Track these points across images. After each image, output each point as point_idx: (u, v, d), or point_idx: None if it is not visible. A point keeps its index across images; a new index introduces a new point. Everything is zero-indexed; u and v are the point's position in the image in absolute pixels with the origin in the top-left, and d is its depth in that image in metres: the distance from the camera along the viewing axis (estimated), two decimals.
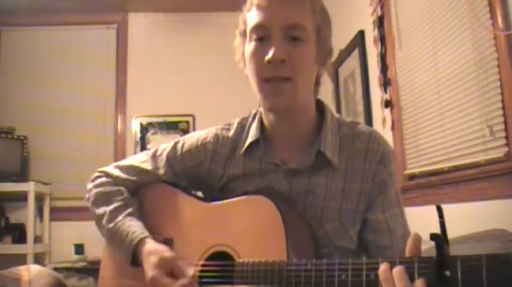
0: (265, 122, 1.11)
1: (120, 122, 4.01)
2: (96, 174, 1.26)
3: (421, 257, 0.74)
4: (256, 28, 1.00)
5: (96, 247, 3.63)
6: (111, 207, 1.14)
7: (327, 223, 1.03)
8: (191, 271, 0.99)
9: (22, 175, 3.56)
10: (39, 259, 3.47)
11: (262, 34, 1.00)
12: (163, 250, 1.03)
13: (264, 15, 0.99)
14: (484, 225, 1.48)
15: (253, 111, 1.18)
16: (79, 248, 3.59)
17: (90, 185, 1.24)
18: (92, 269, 3.41)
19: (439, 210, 0.72)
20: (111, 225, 1.12)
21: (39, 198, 3.64)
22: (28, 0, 3.78)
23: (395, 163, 1.09)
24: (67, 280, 2.72)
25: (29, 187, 3.42)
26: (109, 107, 4.02)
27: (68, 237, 3.62)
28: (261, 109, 1.13)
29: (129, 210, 1.14)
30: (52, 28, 4.06)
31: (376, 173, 1.04)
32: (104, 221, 1.14)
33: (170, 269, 0.99)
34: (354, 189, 1.04)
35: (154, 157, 1.21)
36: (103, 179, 1.22)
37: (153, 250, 1.03)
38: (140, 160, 1.23)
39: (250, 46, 1.02)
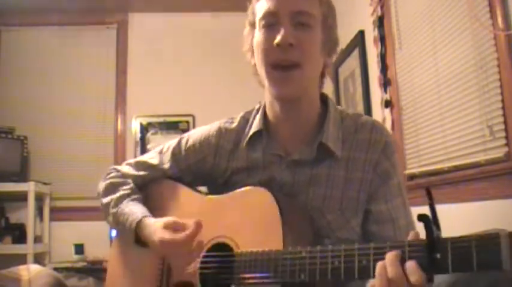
0: (270, 113, 1.12)
1: (120, 122, 4.01)
2: (108, 171, 1.30)
3: (411, 241, 0.74)
4: (265, 15, 1.03)
5: (96, 247, 3.64)
6: (117, 195, 1.18)
7: (328, 213, 1.04)
8: (193, 222, 1.01)
9: (22, 175, 3.56)
10: (39, 259, 3.46)
11: (271, 21, 1.02)
12: (165, 218, 1.07)
13: (273, 3, 1.02)
14: (484, 225, 1.48)
15: (257, 106, 1.19)
16: (79, 248, 3.58)
17: (101, 182, 1.27)
18: (92, 269, 3.41)
19: (429, 193, 0.73)
20: (115, 210, 1.16)
21: (39, 198, 3.63)
22: (28, 0, 3.78)
23: (397, 153, 1.10)
24: (67, 280, 2.72)
25: (29, 187, 3.41)
26: (109, 107, 4.01)
27: (68, 237, 3.62)
28: (265, 102, 1.14)
29: (134, 196, 1.18)
30: (52, 28, 4.05)
31: (378, 163, 1.05)
32: (110, 207, 1.17)
33: (175, 229, 1.03)
34: (356, 178, 1.05)
35: (161, 153, 1.25)
36: (113, 174, 1.26)
37: (156, 220, 1.08)
38: (148, 156, 1.28)
39: (259, 33, 1.05)
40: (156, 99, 3.97)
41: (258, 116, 1.13)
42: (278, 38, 0.98)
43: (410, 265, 0.71)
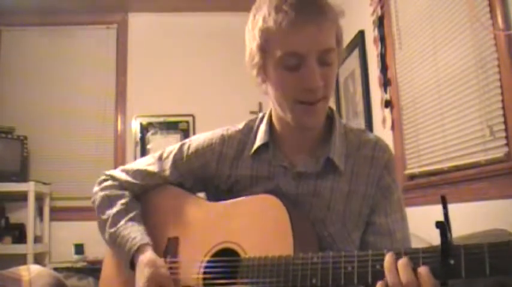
0: (277, 124, 1.12)
1: (120, 122, 4.01)
2: (103, 177, 1.26)
3: (425, 247, 0.75)
4: (291, 55, 0.96)
5: (96, 247, 3.62)
6: (114, 211, 1.16)
7: (330, 225, 1.06)
8: None
9: (22, 175, 3.56)
10: (39, 259, 3.46)
11: (295, 62, 0.96)
12: (160, 265, 1.04)
13: (299, 42, 0.95)
14: (484, 225, 1.48)
15: (261, 115, 1.19)
16: (79, 248, 3.58)
17: (96, 188, 1.24)
18: (92, 269, 3.41)
19: (443, 200, 0.75)
20: (113, 229, 1.13)
21: (39, 198, 3.63)
22: (28, 0, 3.78)
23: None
24: (67, 280, 2.72)
25: (29, 187, 3.41)
26: (109, 107, 4.01)
27: (68, 237, 3.62)
28: (271, 111, 1.14)
29: (131, 215, 1.15)
30: (52, 28, 4.05)
31: (380, 179, 1.08)
32: (107, 225, 1.15)
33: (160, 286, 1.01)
34: (359, 192, 1.07)
35: (160, 159, 1.23)
36: (109, 183, 1.23)
37: (149, 261, 1.04)
38: (146, 163, 1.24)
39: (281, 72, 0.99)
40: (156, 99, 3.97)
41: (264, 128, 1.13)
42: (310, 84, 0.96)
43: (423, 270, 0.72)
